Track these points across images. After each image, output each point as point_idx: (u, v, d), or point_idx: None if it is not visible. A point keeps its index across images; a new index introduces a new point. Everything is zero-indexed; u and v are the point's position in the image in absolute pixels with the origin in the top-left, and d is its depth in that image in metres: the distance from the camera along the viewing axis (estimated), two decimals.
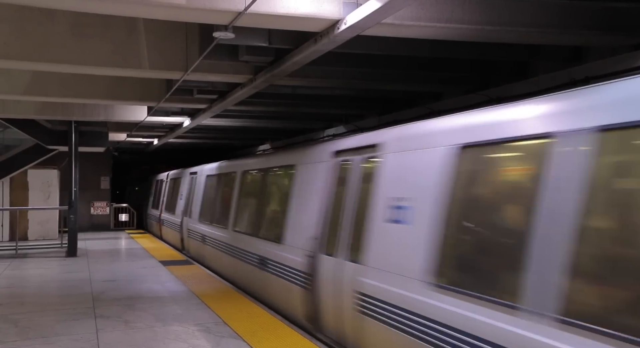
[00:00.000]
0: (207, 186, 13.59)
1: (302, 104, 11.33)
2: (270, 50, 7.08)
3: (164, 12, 5.17)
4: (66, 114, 12.72)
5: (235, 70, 8.06)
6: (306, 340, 6.49)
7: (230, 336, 6.68)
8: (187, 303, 8.53)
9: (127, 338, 6.65)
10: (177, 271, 11.72)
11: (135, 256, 14.46)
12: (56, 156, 18.43)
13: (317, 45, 5.85)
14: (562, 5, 5.76)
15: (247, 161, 11.15)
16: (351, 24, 5.08)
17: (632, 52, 6.53)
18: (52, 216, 19.06)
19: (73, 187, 15.04)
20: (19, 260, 13.91)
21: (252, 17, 5.19)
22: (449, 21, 5.48)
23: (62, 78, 9.71)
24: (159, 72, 7.70)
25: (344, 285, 6.17)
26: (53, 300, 8.93)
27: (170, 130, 16.00)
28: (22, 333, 6.91)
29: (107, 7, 5.03)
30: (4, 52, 6.89)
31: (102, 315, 7.84)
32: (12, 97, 9.77)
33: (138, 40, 7.38)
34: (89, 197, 22.39)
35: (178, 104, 10.85)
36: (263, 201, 9.67)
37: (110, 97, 10.10)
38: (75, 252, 14.69)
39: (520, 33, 5.80)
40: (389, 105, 11.77)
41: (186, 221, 15.03)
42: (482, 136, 4.50)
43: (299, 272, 7.41)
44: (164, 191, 19.93)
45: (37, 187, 18.90)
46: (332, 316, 6.50)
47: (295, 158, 8.47)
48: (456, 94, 9.92)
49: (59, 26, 7.03)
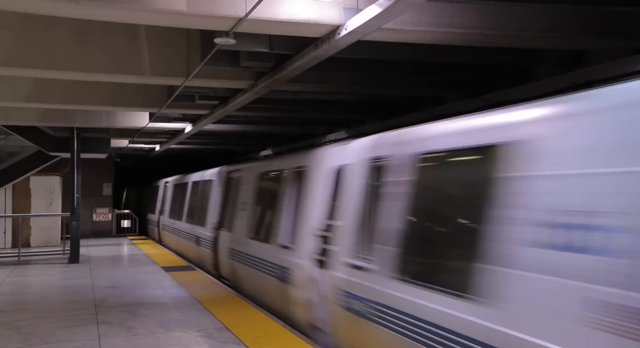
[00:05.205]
0: (171, 192, 19.73)
1: (303, 110, 11.33)
2: (271, 56, 7.09)
3: (165, 18, 5.19)
4: (68, 120, 12.76)
5: (236, 76, 8.07)
6: (309, 345, 6.48)
7: (232, 342, 6.67)
8: (189, 309, 8.52)
9: (129, 344, 6.65)
10: (179, 277, 11.72)
11: (138, 262, 14.46)
12: (58, 163, 18.47)
13: (318, 50, 5.86)
14: (562, 9, 5.76)
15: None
16: (352, 30, 5.09)
17: (633, 56, 6.53)
18: (54, 222, 19.07)
19: (75, 193, 15.07)
20: (22, 267, 13.92)
21: (253, 23, 5.20)
22: (449, 26, 5.48)
23: (64, 85, 9.74)
24: (160, 79, 7.73)
25: (226, 245, 11.53)
26: (56, 307, 8.93)
27: (172, 136, 16.02)
28: (24, 340, 6.91)
29: (108, 14, 5.05)
30: (6, 60, 6.92)
31: (105, 321, 7.83)
32: (15, 104, 9.80)
33: (139, 46, 7.41)
34: (92, 203, 22.40)
35: (179, 110, 10.87)
36: (194, 202, 15.60)
37: (112, 104, 10.13)
38: (78, 258, 14.69)
39: (521, 38, 5.81)
40: (391, 110, 11.77)
41: (162, 218, 20.63)
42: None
43: (209, 241, 13.02)
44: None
45: (40, 194, 18.92)
46: (223, 263, 11.85)
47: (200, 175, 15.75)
48: (458, 98, 9.93)
49: (61, 33, 7.06)
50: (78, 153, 15.30)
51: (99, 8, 4.83)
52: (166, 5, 4.88)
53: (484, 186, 4.30)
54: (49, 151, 16.54)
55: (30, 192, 18.81)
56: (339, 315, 6.28)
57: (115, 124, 13.28)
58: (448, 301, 4.42)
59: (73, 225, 14.94)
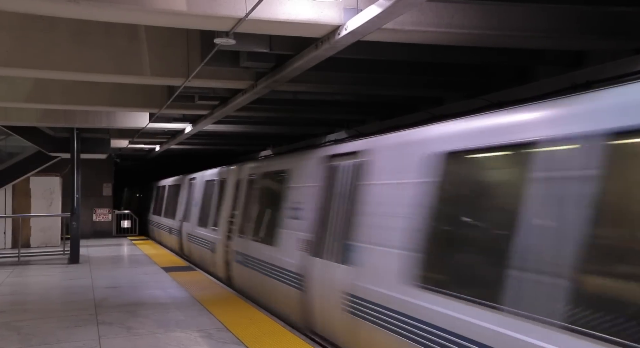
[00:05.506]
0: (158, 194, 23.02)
1: (303, 110, 11.34)
2: (271, 56, 7.09)
3: (165, 19, 5.19)
4: (68, 121, 12.75)
5: (236, 76, 8.07)
6: (308, 345, 6.48)
7: (232, 342, 6.67)
8: (189, 310, 8.52)
9: (129, 344, 6.65)
10: (179, 278, 11.72)
11: (138, 263, 14.46)
12: (58, 163, 18.47)
13: (318, 51, 5.86)
14: (562, 9, 5.76)
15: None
16: (352, 30, 5.09)
17: (633, 56, 6.53)
18: (54, 223, 19.07)
19: (75, 194, 15.06)
20: (22, 267, 13.92)
21: (253, 24, 5.20)
22: (449, 26, 5.48)
23: (64, 85, 9.74)
24: (160, 79, 7.73)
25: (186, 232, 16.05)
26: (55, 307, 8.93)
27: (172, 136, 16.02)
28: (24, 340, 6.91)
29: (108, 14, 5.05)
30: (6, 60, 6.92)
31: (105, 321, 7.83)
32: (15, 104, 9.80)
33: (139, 47, 7.41)
34: (92, 204, 22.41)
35: (180, 110, 10.87)
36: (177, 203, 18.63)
37: (112, 104, 10.13)
38: (78, 259, 14.69)
39: (521, 38, 5.81)
40: (391, 110, 11.78)
41: (154, 217, 22.75)
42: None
43: (177, 229, 17.41)
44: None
45: (40, 194, 18.91)
46: (184, 246, 16.36)
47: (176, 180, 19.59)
48: (457, 99, 9.93)
49: (61, 34, 7.06)
50: (78, 153, 15.30)
51: (99, 8, 4.84)
52: (166, 6, 4.88)
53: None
54: (49, 152, 16.54)
55: (30, 192, 18.81)
56: (235, 267, 11.06)
57: (115, 125, 13.27)
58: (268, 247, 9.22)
59: (73, 225, 14.93)
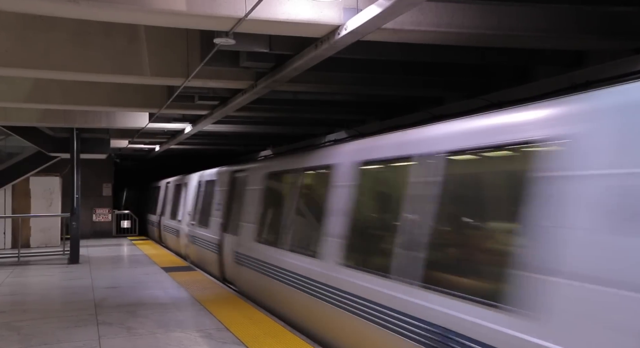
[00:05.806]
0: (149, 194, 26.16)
1: (303, 110, 11.33)
2: (271, 56, 7.09)
3: (164, 19, 5.19)
4: (68, 121, 12.74)
5: (236, 76, 8.07)
6: (309, 345, 6.48)
7: (232, 342, 6.67)
8: (189, 310, 8.52)
9: (129, 344, 6.65)
10: (179, 278, 11.72)
11: (137, 263, 14.46)
12: (58, 163, 18.46)
13: (317, 50, 5.86)
14: (562, 9, 5.76)
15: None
16: (352, 30, 5.09)
17: (633, 56, 6.53)
18: (54, 223, 19.07)
19: (75, 194, 15.05)
20: (22, 267, 13.92)
21: (253, 24, 5.20)
22: (449, 26, 5.48)
23: (64, 85, 9.73)
24: (160, 79, 7.72)
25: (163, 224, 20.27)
26: (55, 307, 8.93)
27: (172, 136, 16.02)
28: (24, 341, 6.91)
29: (108, 14, 5.05)
30: (5, 60, 6.91)
31: (105, 321, 7.83)
32: (14, 104, 9.79)
33: (139, 47, 7.40)
34: (91, 204, 22.41)
35: (179, 110, 10.87)
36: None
37: (112, 104, 10.12)
38: (78, 259, 14.69)
39: (521, 38, 5.80)
40: (391, 110, 11.77)
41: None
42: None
43: (157, 224, 21.40)
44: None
45: (40, 194, 18.91)
46: (163, 235, 20.22)
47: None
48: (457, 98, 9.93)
49: (61, 34, 7.06)
50: (78, 153, 15.29)
51: (98, 8, 4.83)
52: (166, 6, 4.87)
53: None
54: (49, 152, 16.53)
55: (30, 193, 18.80)
56: (192, 248, 14.60)
57: (115, 125, 13.26)
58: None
59: (73, 225, 14.93)
